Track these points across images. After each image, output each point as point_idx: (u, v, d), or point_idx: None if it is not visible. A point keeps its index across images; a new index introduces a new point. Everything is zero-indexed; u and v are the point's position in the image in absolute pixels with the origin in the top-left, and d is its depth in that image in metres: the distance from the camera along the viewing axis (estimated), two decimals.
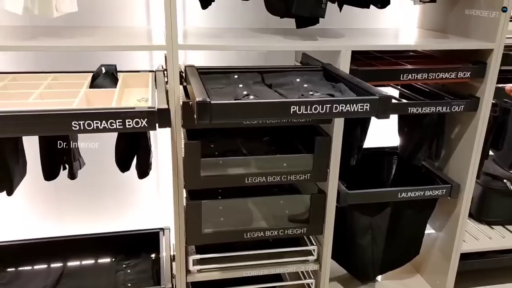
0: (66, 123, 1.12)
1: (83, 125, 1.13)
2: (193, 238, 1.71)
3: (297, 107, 1.22)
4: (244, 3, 1.70)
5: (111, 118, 1.15)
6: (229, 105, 1.21)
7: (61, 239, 2.08)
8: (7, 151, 1.60)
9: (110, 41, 1.58)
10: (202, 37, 1.74)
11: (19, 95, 1.32)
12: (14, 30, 1.71)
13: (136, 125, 1.16)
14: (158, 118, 1.18)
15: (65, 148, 1.67)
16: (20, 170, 1.72)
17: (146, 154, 1.71)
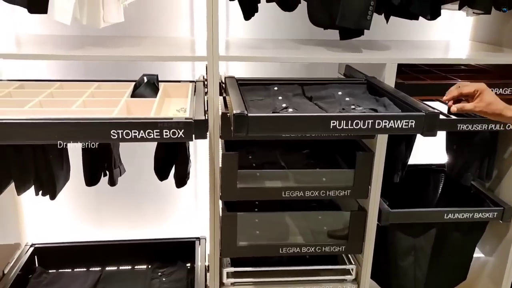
0: (105, 132, 1.14)
1: (121, 134, 1.14)
2: (228, 250, 1.69)
3: (337, 122, 1.18)
4: (288, 14, 1.67)
5: (149, 127, 1.15)
6: (266, 118, 1.19)
7: (100, 243, 2.12)
8: (52, 156, 1.65)
9: (153, 51, 1.60)
10: (243, 48, 1.73)
11: (64, 102, 1.36)
12: (63, 40, 1.77)
13: (173, 136, 1.16)
14: (195, 129, 1.17)
15: (106, 155, 1.70)
16: (63, 176, 1.77)
17: (185, 164, 1.71)
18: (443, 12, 1.72)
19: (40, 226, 2.21)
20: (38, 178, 1.65)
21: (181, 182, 1.73)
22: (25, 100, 1.34)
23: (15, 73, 1.91)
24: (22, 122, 1.13)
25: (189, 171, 1.77)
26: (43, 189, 1.68)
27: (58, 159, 1.70)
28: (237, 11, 1.64)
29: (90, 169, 1.69)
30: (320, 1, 1.57)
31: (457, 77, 1.69)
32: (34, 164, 1.63)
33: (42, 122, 1.14)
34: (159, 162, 1.69)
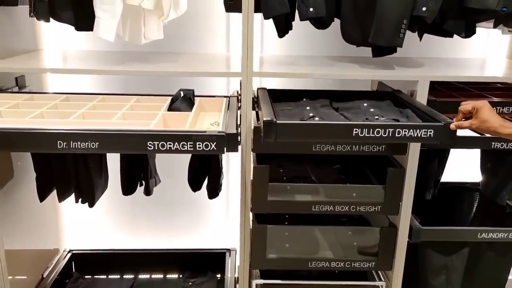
0: (142, 143, 1.21)
1: (157, 146, 1.21)
2: (257, 262, 1.71)
3: (359, 129, 1.25)
4: (321, 31, 1.71)
5: (183, 140, 1.21)
6: (293, 125, 1.28)
7: (134, 252, 2.19)
8: (92, 166, 1.73)
9: (190, 67, 1.67)
10: (277, 65, 1.78)
11: (105, 114, 1.44)
12: (106, 55, 1.87)
13: (206, 148, 1.21)
14: (227, 142, 1.21)
15: (143, 165, 1.78)
16: (102, 185, 1.85)
17: (217, 176, 1.76)
18: (479, 29, 1.72)
19: (78, 233, 2.30)
20: (78, 186, 1.75)
21: (213, 193, 1.78)
22: (70, 112, 1.43)
23: (62, 86, 2.03)
24: (66, 132, 1.22)
25: (221, 183, 1.82)
26: (82, 197, 1.77)
27: (97, 168, 1.78)
28: (272, 29, 1.69)
29: (127, 179, 1.77)
30: (353, 19, 1.60)
31: (492, 95, 1.68)
32: (75, 172, 1.72)
33: (84, 133, 1.22)
34: (193, 173, 1.74)
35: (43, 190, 1.77)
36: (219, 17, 2.01)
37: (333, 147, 1.57)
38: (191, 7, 1.76)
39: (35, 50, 1.93)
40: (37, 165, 1.72)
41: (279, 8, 1.51)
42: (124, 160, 1.74)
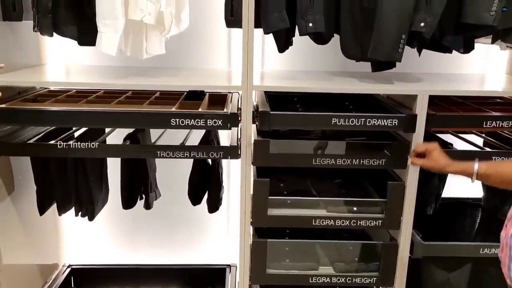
0: (167, 120, 1.51)
1: (178, 122, 1.51)
2: (257, 277, 1.70)
3: (337, 119, 1.52)
4: (321, 46, 1.73)
5: (197, 118, 1.51)
6: (284, 115, 1.53)
7: (134, 267, 2.17)
8: (92, 179, 1.73)
9: (191, 81, 1.69)
10: (277, 79, 1.79)
11: (136, 102, 1.68)
12: (107, 70, 1.89)
13: (214, 124, 1.52)
14: (230, 119, 1.51)
15: (143, 178, 1.78)
16: (102, 198, 1.85)
17: (217, 189, 1.76)
18: (478, 45, 1.73)
19: (78, 248, 2.29)
20: (78, 198, 1.75)
21: (213, 207, 1.78)
22: (109, 100, 1.68)
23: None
24: (114, 111, 1.55)
25: (222, 197, 1.81)
26: (82, 210, 1.77)
27: (97, 181, 1.78)
28: (272, 44, 1.71)
29: (128, 192, 1.77)
30: (352, 34, 1.62)
31: (492, 109, 1.68)
32: (75, 185, 1.73)
33: (126, 112, 1.54)
34: (193, 186, 1.74)
35: (43, 203, 1.77)
36: (220, 32, 2.03)
37: (333, 160, 1.57)
38: (192, 23, 1.79)
39: (38, 65, 1.95)
40: (37, 177, 1.74)
41: (279, 24, 1.53)
42: (124, 173, 1.74)
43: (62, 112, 1.53)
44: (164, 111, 1.55)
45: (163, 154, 1.55)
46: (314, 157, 1.57)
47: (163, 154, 1.55)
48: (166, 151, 1.55)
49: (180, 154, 1.56)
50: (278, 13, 1.52)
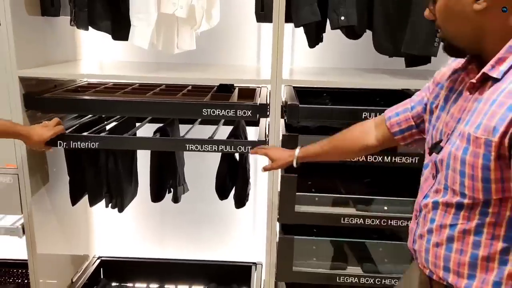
0: (199, 110, 1.55)
1: (209, 112, 1.54)
2: (283, 274, 1.67)
3: (367, 113, 1.50)
4: (352, 43, 1.70)
5: (228, 108, 1.54)
6: (313, 108, 1.54)
7: (161, 261, 2.19)
8: (123, 171, 1.76)
9: (222, 74, 1.69)
10: (306, 74, 1.77)
11: (169, 94, 1.73)
12: (140, 65, 1.92)
13: (244, 114, 1.54)
14: (259, 110, 1.53)
15: (172, 172, 1.79)
16: (132, 191, 1.87)
17: (244, 185, 1.75)
18: None
19: (107, 240, 2.33)
20: (109, 190, 1.78)
21: (240, 202, 1.77)
22: (144, 92, 1.75)
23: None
24: (150, 101, 1.61)
25: (248, 193, 1.80)
26: (112, 202, 1.80)
27: (128, 174, 1.81)
28: (302, 42, 1.69)
29: (157, 185, 1.78)
30: (386, 28, 1.58)
31: None
32: (106, 177, 1.76)
33: (161, 101, 1.60)
34: (221, 181, 1.74)
35: (75, 193, 1.81)
36: (250, 29, 2.03)
37: (364, 158, 1.53)
38: (222, 20, 1.80)
39: (74, 60, 2.00)
40: (70, 168, 1.78)
41: (311, 17, 1.51)
42: (154, 166, 1.76)
43: (103, 101, 1.60)
44: (196, 102, 1.59)
45: (191, 147, 1.57)
46: None
47: (191, 147, 1.57)
48: (195, 144, 1.57)
49: (208, 147, 1.57)
50: (310, 6, 1.50)
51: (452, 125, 0.91)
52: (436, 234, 0.94)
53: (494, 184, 0.82)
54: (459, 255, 0.90)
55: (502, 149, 0.79)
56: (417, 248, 1.01)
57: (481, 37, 0.84)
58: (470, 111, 0.86)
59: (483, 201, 0.85)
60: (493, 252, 0.86)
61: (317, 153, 1.32)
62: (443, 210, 0.92)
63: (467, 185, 0.85)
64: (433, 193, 0.95)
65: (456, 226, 0.89)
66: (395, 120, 1.15)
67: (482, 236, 0.87)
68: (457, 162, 0.86)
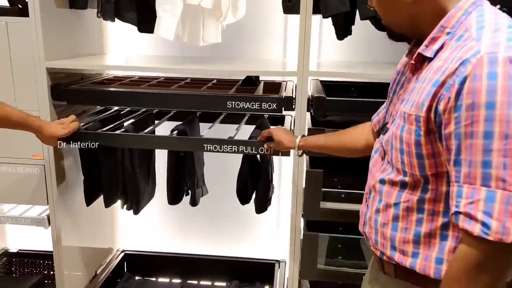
0: (223, 102, 1.52)
1: (234, 105, 1.50)
2: (307, 271, 1.63)
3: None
4: (381, 37, 1.64)
5: (253, 101, 1.49)
6: (340, 101, 1.49)
7: (184, 256, 2.18)
8: (139, 171, 1.69)
9: (247, 67, 1.67)
10: (334, 67, 1.73)
11: (195, 87, 1.73)
12: (165, 59, 1.92)
13: (269, 107, 1.49)
14: (284, 103, 1.49)
15: (190, 174, 1.71)
16: (149, 191, 1.81)
17: (266, 189, 1.68)
18: None
19: (132, 234, 2.34)
20: (124, 191, 1.71)
21: (261, 207, 1.69)
22: (170, 85, 1.75)
23: None
24: (175, 93, 1.60)
25: (271, 197, 1.73)
26: (127, 203, 1.74)
27: (145, 174, 1.75)
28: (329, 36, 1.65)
29: (174, 187, 1.71)
30: None
31: None
32: (122, 177, 1.69)
33: (186, 94, 1.57)
34: (242, 184, 1.66)
35: (90, 193, 1.74)
36: (276, 22, 2.00)
37: None
38: (249, 12, 1.78)
39: (100, 53, 2.02)
40: (85, 166, 1.70)
41: (339, 7, 1.47)
42: (171, 167, 1.69)
43: (129, 93, 1.60)
44: (221, 94, 1.56)
45: (210, 147, 1.49)
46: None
47: (210, 147, 1.49)
48: (213, 144, 1.49)
49: (227, 148, 1.49)
50: None
51: (397, 107, 0.94)
52: (383, 214, 0.95)
53: (427, 160, 0.84)
54: (403, 234, 0.91)
55: (430, 123, 0.81)
56: (367, 230, 1.02)
57: (417, 22, 0.87)
58: (409, 91, 0.89)
59: (422, 178, 0.86)
60: (434, 228, 0.87)
61: (320, 146, 1.31)
62: (388, 189, 0.93)
63: (406, 162, 0.87)
64: (380, 173, 0.97)
65: (400, 204, 0.91)
66: (376, 119, 1.14)
67: (423, 213, 0.88)
68: (397, 141, 0.88)
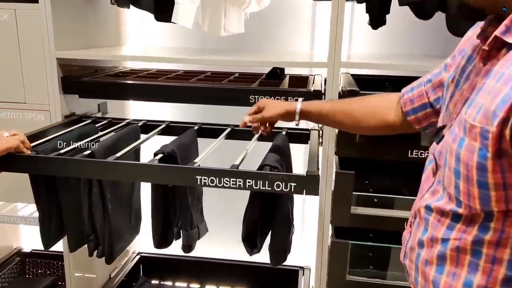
0: (245, 97, 1.37)
1: (257, 99, 1.35)
2: (335, 283, 1.49)
3: None
4: (417, 27, 1.50)
5: (278, 95, 1.34)
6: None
7: (202, 260, 2.06)
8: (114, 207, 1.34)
9: (272, 58, 1.54)
10: (368, 59, 1.58)
11: (215, 80, 1.62)
12: (185, 50, 1.81)
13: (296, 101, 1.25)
14: (313, 97, 1.30)
15: (181, 209, 1.36)
16: (131, 229, 1.48)
17: (285, 232, 1.29)
18: None
19: (148, 236, 2.23)
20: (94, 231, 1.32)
21: (278, 257, 1.32)
22: (189, 78, 1.64)
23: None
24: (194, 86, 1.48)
25: (291, 240, 1.35)
26: (98, 250, 1.36)
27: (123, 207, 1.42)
28: (361, 26, 1.50)
29: (161, 229, 1.37)
30: None
31: None
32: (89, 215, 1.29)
33: (205, 87, 1.45)
34: (251, 228, 1.28)
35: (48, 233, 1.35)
36: (304, 11, 1.86)
37: None
38: (274, 1, 1.65)
39: (117, 45, 1.92)
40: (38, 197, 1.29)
41: None
42: (156, 202, 1.33)
43: (143, 86, 1.49)
44: (244, 87, 1.43)
45: (205, 180, 1.09)
46: (410, 148, 1.34)
47: (205, 180, 1.09)
48: (210, 177, 1.08)
49: (229, 182, 1.08)
50: None
51: (459, 107, 0.70)
52: (427, 250, 0.73)
53: (494, 191, 0.61)
54: (450, 280, 0.69)
55: (504, 142, 0.58)
56: (407, 263, 0.81)
57: None
58: (476, 89, 0.66)
59: (483, 213, 0.64)
60: (492, 281, 0.65)
61: (324, 114, 1.05)
62: (436, 219, 0.72)
63: (462, 189, 0.65)
64: (429, 195, 0.75)
65: (449, 241, 0.69)
66: (409, 97, 0.93)
67: (480, 259, 0.66)
68: (452, 158, 0.66)
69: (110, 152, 1.22)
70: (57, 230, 1.37)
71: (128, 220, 1.47)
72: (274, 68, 1.65)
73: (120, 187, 1.39)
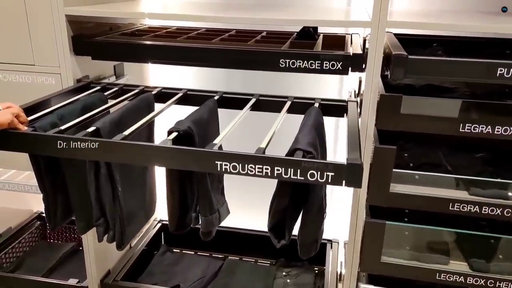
0: (275, 61, 1.23)
1: (288, 63, 1.22)
2: (369, 264, 1.39)
3: (505, 69, 1.06)
4: None
5: (312, 59, 1.20)
6: (426, 60, 1.10)
7: (227, 229, 1.98)
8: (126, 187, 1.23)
9: (305, 15, 1.36)
10: (413, 17, 1.39)
11: (240, 40, 1.49)
12: (206, 5, 1.64)
13: (332, 67, 1.20)
14: (352, 62, 1.18)
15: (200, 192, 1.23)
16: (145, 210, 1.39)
17: (317, 227, 1.20)
18: None
19: None
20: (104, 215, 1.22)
21: (308, 249, 1.22)
22: (211, 37, 1.51)
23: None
24: (214, 48, 1.31)
25: (323, 229, 1.26)
26: (109, 234, 1.28)
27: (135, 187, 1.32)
28: None
29: (178, 213, 1.25)
30: None
31: None
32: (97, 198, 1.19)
33: (228, 49, 1.29)
34: (278, 217, 1.17)
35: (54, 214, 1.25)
36: None
37: (490, 129, 1.16)
38: None
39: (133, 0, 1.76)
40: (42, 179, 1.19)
41: None
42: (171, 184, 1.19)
43: (160, 46, 1.34)
44: (272, 50, 1.27)
45: (226, 167, 0.96)
46: (462, 122, 1.17)
47: (226, 167, 0.96)
48: (232, 163, 0.95)
49: (255, 169, 0.95)
50: None
51: None
52: None
53: None
54: None
55: None
56: None
57: None
58: None
59: None
60: None
61: None
62: None
63: None
64: None
65: None
66: None
67: None
68: None
69: (117, 129, 1.08)
70: (64, 211, 1.26)
71: (141, 201, 1.36)
72: (305, 26, 1.47)
73: (131, 165, 1.27)
